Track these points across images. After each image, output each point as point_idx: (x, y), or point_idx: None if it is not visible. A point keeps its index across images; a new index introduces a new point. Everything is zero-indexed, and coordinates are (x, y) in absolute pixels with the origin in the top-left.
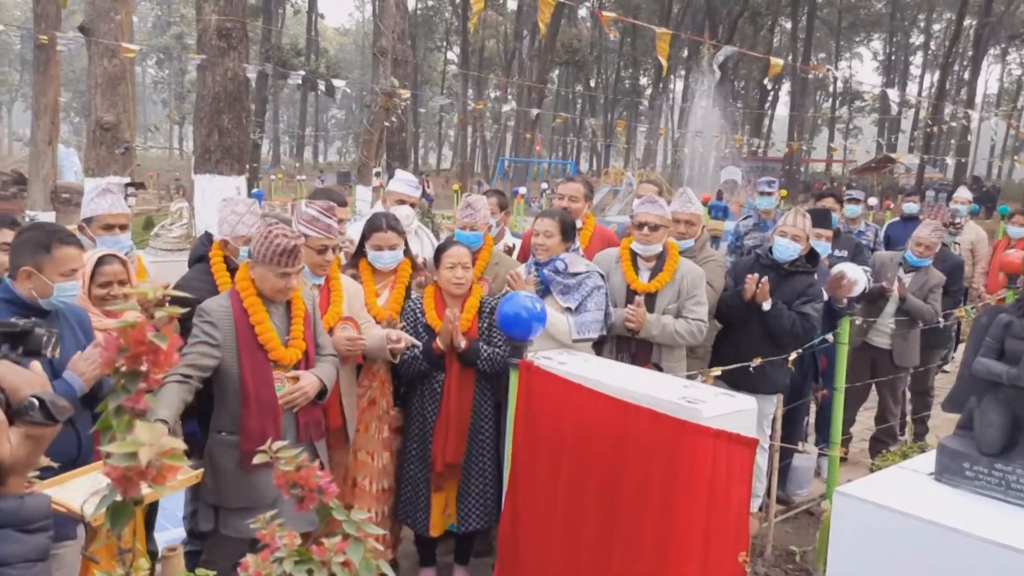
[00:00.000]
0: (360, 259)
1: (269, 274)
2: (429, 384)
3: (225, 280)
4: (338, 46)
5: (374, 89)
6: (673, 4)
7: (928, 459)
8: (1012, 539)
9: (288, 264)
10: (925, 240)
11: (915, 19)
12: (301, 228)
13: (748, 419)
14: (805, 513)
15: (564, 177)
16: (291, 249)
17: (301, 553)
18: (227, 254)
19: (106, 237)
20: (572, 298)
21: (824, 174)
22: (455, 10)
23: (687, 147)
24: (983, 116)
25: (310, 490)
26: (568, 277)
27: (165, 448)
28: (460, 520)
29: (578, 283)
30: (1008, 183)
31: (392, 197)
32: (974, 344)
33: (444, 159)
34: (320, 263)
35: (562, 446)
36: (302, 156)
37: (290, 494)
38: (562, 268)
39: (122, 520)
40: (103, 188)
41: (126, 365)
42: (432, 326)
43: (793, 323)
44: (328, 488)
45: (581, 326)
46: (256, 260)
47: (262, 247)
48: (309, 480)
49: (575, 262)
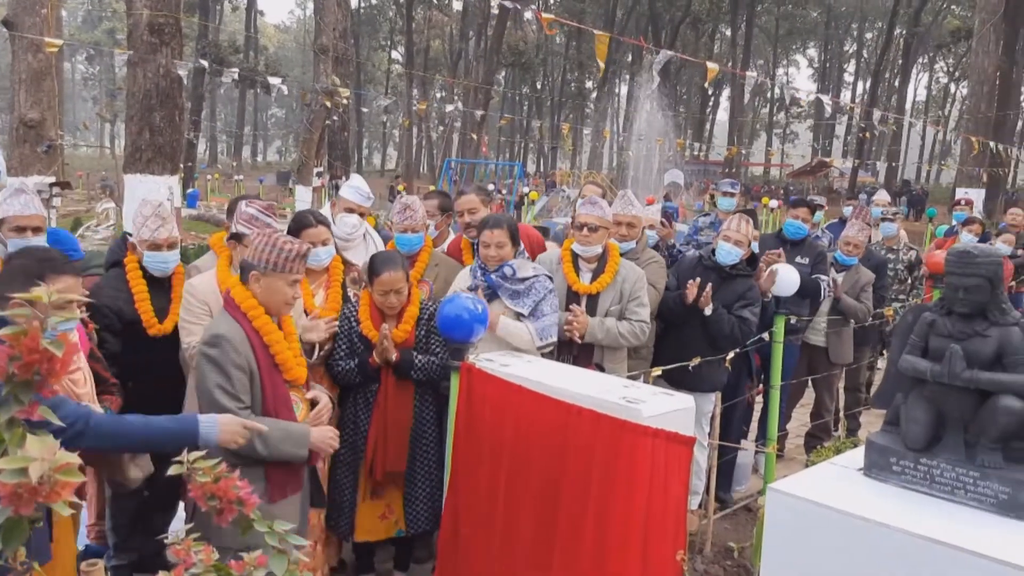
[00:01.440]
0: None
1: (280, 284)
2: (363, 393)
3: (141, 289)
4: (278, 44)
5: (315, 88)
6: (617, 9)
7: (858, 455)
8: (935, 532)
9: (299, 270)
10: (853, 239)
11: (848, 28)
12: (239, 227)
13: (687, 417)
14: (743, 509)
15: (455, 192)
16: (303, 253)
17: (219, 568)
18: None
19: (17, 239)
20: (522, 303)
21: (763, 178)
22: (399, 9)
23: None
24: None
25: (229, 501)
26: (517, 282)
27: (59, 463)
28: (408, 523)
29: (528, 287)
30: (936, 186)
31: (342, 204)
32: (900, 342)
33: (389, 159)
34: None
35: (503, 448)
36: (240, 155)
37: (207, 506)
38: (510, 274)
39: (15, 540)
40: (16, 188)
41: (18, 374)
42: (368, 336)
43: (733, 327)
44: (249, 499)
45: (542, 332)
46: (263, 270)
47: (271, 255)
48: (228, 491)
49: (523, 267)
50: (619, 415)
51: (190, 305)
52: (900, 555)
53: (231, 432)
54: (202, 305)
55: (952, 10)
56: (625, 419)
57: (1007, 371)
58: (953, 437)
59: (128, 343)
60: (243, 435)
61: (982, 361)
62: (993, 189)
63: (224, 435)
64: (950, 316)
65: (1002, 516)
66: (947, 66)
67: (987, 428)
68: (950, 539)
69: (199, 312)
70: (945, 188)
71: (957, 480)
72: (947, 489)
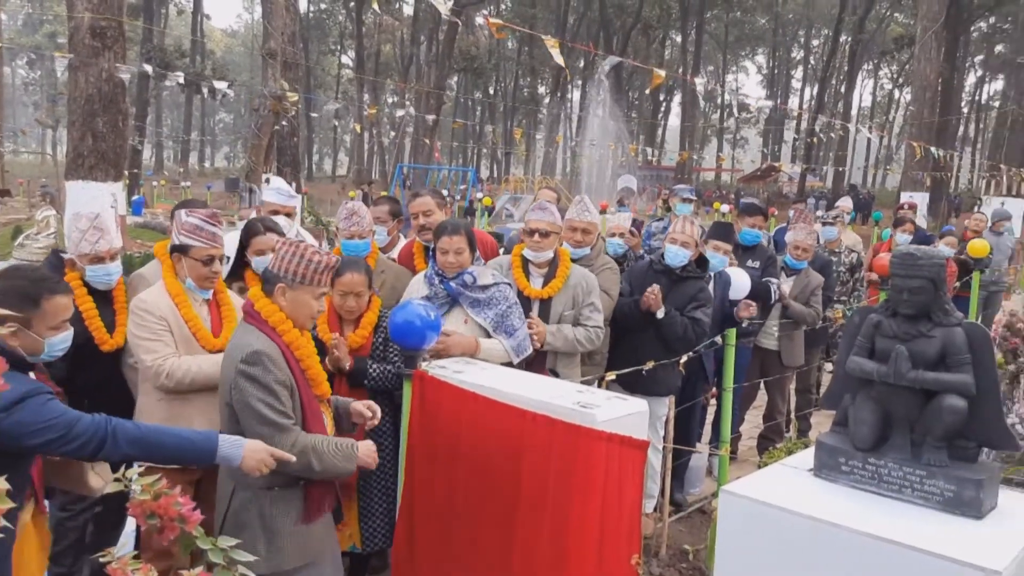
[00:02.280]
0: (244, 270)
1: (308, 297)
2: None
3: (90, 307)
4: (225, 48)
5: (263, 92)
6: (568, 14)
7: (809, 455)
8: (883, 530)
9: (325, 283)
10: (802, 243)
11: (796, 35)
12: (182, 239)
13: (640, 421)
14: (698, 512)
15: (411, 193)
16: (332, 264)
17: None
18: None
19: None
20: (484, 313)
21: (714, 183)
22: (349, 13)
23: (584, 155)
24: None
25: (170, 519)
26: (478, 290)
27: None
28: (365, 540)
29: (489, 296)
30: (881, 190)
31: (266, 208)
32: (847, 344)
33: (340, 165)
34: (207, 275)
35: (458, 456)
36: (187, 162)
37: (147, 524)
38: (471, 282)
39: None
40: None
41: None
42: (324, 340)
43: (686, 328)
44: (191, 516)
45: (518, 348)
46: (291, 283)
47: (300, 267)
48: (169, 509)
49: (483, 274)
50: (574, 420)
51: (146, 322)
52: (849, 554)
53: (258, 460)
54: (160, 321)
55: (895, 18)
56: (580, 424)
57: (950, 371)
58: (900, 437)
59: (77, 363)
60: (269, 463)
61: (927, 361)
62: (936, 193)
63: (250, 461)
64: (895, 317)
65: (947, 513)
66: (891, 72)
67: (932, 427)
68: (897, 537)
69: (158, 329)
70: (891, 192)
71: (904, 479)
72: (894, 488)
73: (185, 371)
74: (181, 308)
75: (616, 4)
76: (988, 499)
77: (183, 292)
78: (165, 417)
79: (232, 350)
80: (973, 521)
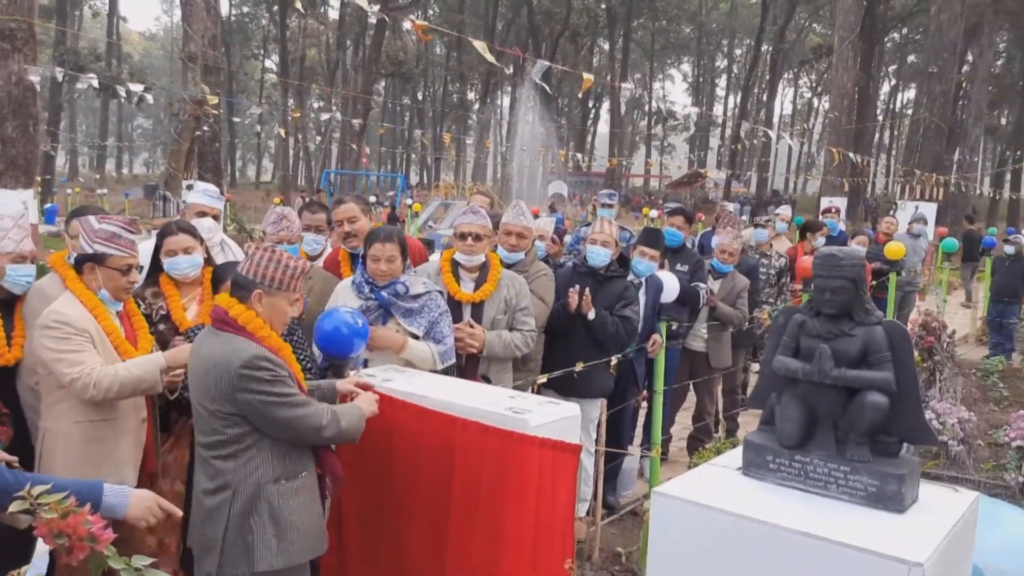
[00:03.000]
0: (159, 274)
1: (283, 303)
2: None
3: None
4: (143, 52)
5: (183, 96)
6: (497, 21)
7: (737, 454)
8: (808, 526)
9: (300, 288)
10: (728, 247)
11: (719, 44)
12: (97, 247)
13: (573, 425)
14: (630, 514)
15: (335, 199)
16: (305, 270)
17: None
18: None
19: None
20: (416, 322)
21: (643, 189)
22: (272, 17)
23: (515, 161)
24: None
25: (79, 538)
26: (410, 300)
27: None
28: None
29: (421, 305)
30: (802, 196)
31: (192, 210)
32: (773, 343)
33: (265, 171)
34: (125, 286)
35: (390, 465)
36: (103, 168)
37: (55, 544)
38: (403, 291)
39: None
40: None
41: None
42: None
43: (617, 327)
44: (102, 535)
45: (444, 355)
46: (268, 289)
47: (277, 272)
48: (78, 528)
49: (414, 283)
50: (506, 426)
51: (66, 335)
52: (777, 550)
53: (144, 509)
54: (82, 334)
55: (814, 28)
56: (512, 430)
57: (872, 368)
58: (824, 434)
59: None
60: (156, 513)
61: (849, 359)
62: (854, 197)
63: (136, 510)
64: (819, 317)
65: (871, 508)
66: (810, 81)
67: (855, 424)
68: (823, 532)
69: (81, 341)
70: (811, 197)
71: (829, 475)
72: (820, 484)
73: (112, 377)
74: (100, 320)
75: (544, 11)
76: (909, 493)
77: (99, 304)
78: (83, 440)
79: (219, 357)
80: (895, 515)
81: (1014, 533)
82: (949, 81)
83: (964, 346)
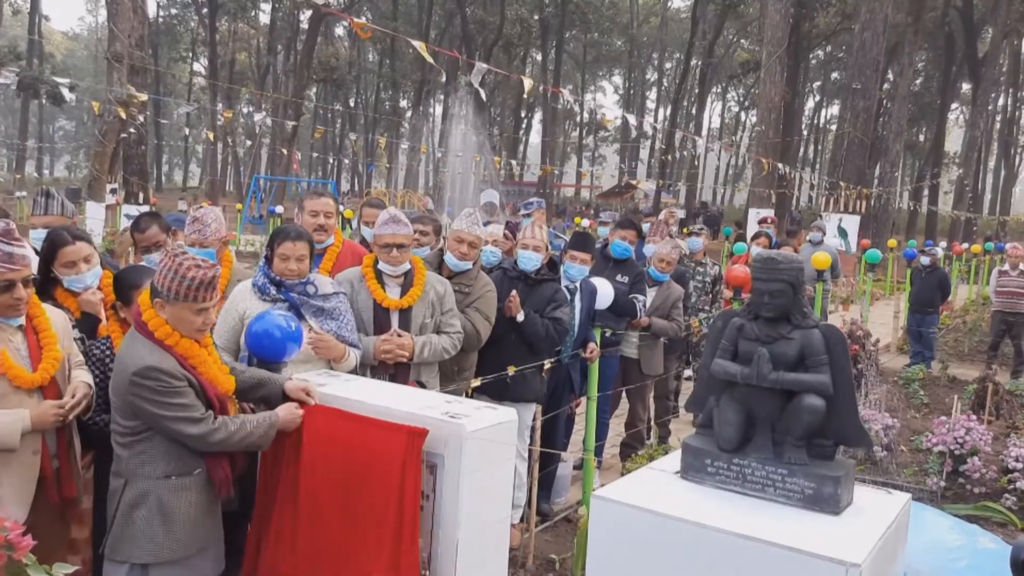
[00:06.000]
0: (55, 288)
1: (186, 313)
2: None
3: None
4: (66, 51)
5: (108, 97)
6: (430, 30)
7: (674, 458)
8: (748, 529)
9: (205, 298)
10: (666, 256)
11: (650, 57)
12: None
13: (510, 430)
14: (564, 521)
15: (312, 191)
16: (208, 281)
17: None
18: None
19: None
20: (327, 324)
21: (575, 198)
22: (201, 20)
23: (447, 169)
24: (708, 147)
25: None
26: (320, 299)
27: None
28: None
29: (332, 307)
30: (730, 207)
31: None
32: (711, 347)
33: (192, 176)
34: (9, 303)
35: (313, 471)
36: (23, 171)
37: None
38: (313, 292)
39: None
40: None
41: None
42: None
43: (547, 328)
44: (20, 543)
45: (364, 358)
46: (166, 299)
47: (172, 282)
48: None
49: (323, 283)
50: (442, 431)
51: None
52: (716, 553)
53: None
54: None
55: (742, 44)
56: (448, 434)
57: (809, 371)
58: (762, 437)
59: None
60: None
61: (787, 363)
62: (781, 209)
63: None
64: (757, 321)
65: (808, 510)
66: (738, 96)
67: (792, 427)
68: (761, 535)
69: None
70: (739, 209)
71: (767, 478)
72: (758, 487)
73: None
74: None
75: (478, 20)
76: (845, 495)
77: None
78: None
79: (124, 357)
80: (832, 517)
81: (936, 536)
82: (872, 97)
83: (886, 355)
